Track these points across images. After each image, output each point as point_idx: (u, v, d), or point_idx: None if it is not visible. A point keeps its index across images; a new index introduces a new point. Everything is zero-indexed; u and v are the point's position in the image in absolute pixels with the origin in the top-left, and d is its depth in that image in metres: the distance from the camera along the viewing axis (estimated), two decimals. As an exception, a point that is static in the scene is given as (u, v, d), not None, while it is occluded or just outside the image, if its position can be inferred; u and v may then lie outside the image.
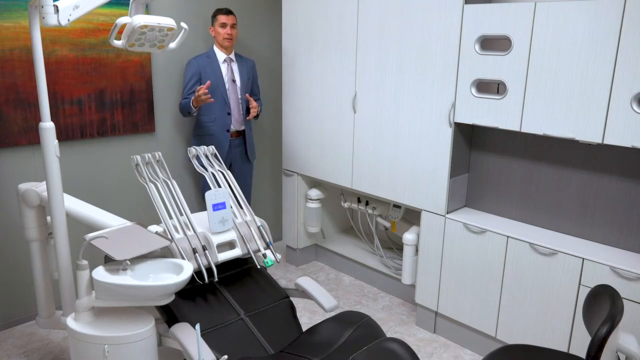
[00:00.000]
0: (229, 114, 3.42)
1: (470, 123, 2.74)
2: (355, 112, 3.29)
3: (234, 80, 3.45)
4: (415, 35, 2.88)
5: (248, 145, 3.57)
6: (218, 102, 3.38)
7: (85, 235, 2.05)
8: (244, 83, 3.49)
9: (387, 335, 2.80)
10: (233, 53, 3.47)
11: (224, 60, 3.42)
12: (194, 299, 2.27)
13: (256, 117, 3.54)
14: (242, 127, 3.53)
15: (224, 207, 2.34)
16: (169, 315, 2.18)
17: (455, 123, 2.83)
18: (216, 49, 3.42)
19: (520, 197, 2.87)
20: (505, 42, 2.74)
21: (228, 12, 3.36)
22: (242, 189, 3.62)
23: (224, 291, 2.37)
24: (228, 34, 3.36)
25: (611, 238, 2.57)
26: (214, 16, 3.37)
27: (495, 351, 2.06)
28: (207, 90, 3.13)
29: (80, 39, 3.03)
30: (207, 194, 2.29)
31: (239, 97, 3.47)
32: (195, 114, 3.38)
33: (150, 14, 3.27)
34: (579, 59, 2.32)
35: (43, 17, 1.90)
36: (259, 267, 2.48)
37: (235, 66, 3.47)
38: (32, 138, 2.95)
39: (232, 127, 3.45)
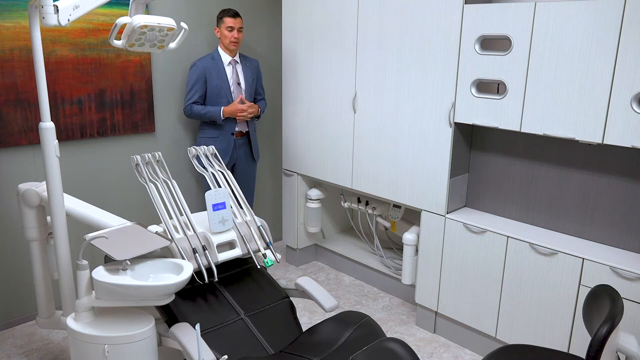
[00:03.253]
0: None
1: (470, 123, 2.74)
2: (355, 112, 3.29)
3: (239, 83, 3.43)
4: (415, 35, 2.88)
5: (253, 145, 3.56)
6: (223, 105, 3.36)
7: (85, 235, 2.05)
8: (248, 85, 3.48)
9: (387, 335, 2.80)
10: (238, 54, 3.46)
11: (229, 62, 3.40)
12: (194, 299, 2.27)
13: (258, 117, 3.54)
14: (247, 129, 3.52)
15: (224, 207, 2.34)
16: (169, 315, 2.18)
17: (455, 123, 2.83)
18: (221, 51, 3.40)
19: (520, 197, 2.87)
20: (505, 42, 2.74)
21: (235, 14, 3.31)
22: (246, 189, 3.62)
23: (224, 291, 2.37)
24: (235, 38, 3.32)
25: (611, 238, 2.57)
26: (221, 18, 3.32)
27: (495, 351, 2.06)
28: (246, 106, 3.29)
29: (80, 39, 3.03)
30: (207, 194, 2.29)
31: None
32: (221, 123, 3.37)
33: (150, 14, 3.27)
34: (579, 59, 2.32)
35: (43, 17, 1.90)
36: (259, 267, 2.49)
37: (239, 68, 3.45)
38: (32, 138, 2.95)
39: (236, 129, 3.45)
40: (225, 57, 3.39)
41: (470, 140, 3.01)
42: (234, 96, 3.41)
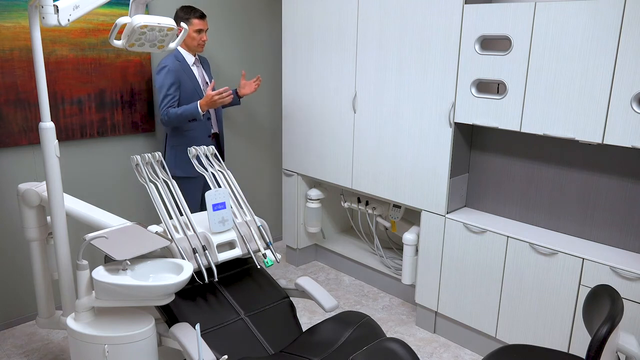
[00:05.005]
0: (209, 118, 3.27)
1: (470, 123, 2.74)
2: (355, 112, 3.29)
3: (206, 82, 3.28)
4: (415, 35, 2.88)
5: (222, 145, 3.44)
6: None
7: (85, 235, 2.05)
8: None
9: (387, 335, 2.80)
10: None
11: (193, 62, 3.20)
12: (194, 299, 2.27)
13: (239, 100, 3.39)
14: (217, 129, 3.39)
15: (224, 207, 2.34)
16: (169, 315, 2.18)
17: (455, 123, 2.83)
18: (183, 51, 3.16)
19: (520, 197, 2.87)
20: (505, 42, 2.74)
21: (203, 15, 3.12)
22: None
23: (224, 291, 2.37)
24: (204, 41, 3.16)
25: (611, 238, 2.57)
26: (187, 18, 3.08)
27: (495, 351, 2.06)
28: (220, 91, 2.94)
29: (80, 39, 3.03)
30: (207, 194, 2.29)
31: None
32: (201, 119, 3.12)
33: (150, 14, 3.27)
34: (579, 59, 2.32)
35: (43, 17, 1.90)
36: (259, 267, 2.49)
37: (201, 67, 3.28)
38: (32, 138, 2.95)
39: (212, 130, 3.31)
40: (189, 57, 3.17)
41: (470, 140, 3.01)
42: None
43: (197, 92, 3.19)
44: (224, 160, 3.52)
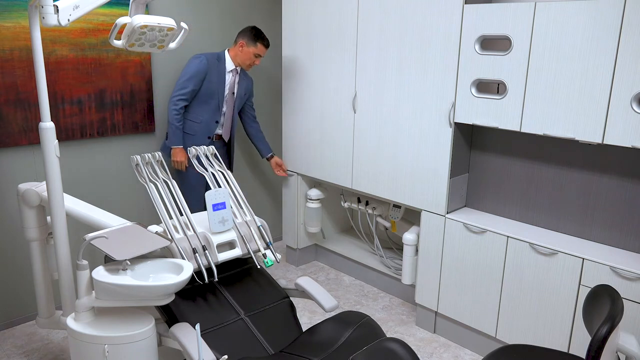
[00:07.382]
0: (217, 122, 3.36)
1: (470, 123, 2.74)
2: (355, 112, 3.29)
3: (233, 93, 3.39)
4: (415, 35, 2.88)
5: (231, 153, 3.53)
6: (211, 107, 3.30)
7: (85, 235, 2.05)
8: (240, 97, 3.44)
9: (387, 335, 2.80)
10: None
11: (232, 70, 3.35)
12: (194, 299, 2.27)
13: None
14: (229, 135, 3.49)
15: (224, 207, 2.34)
16: (169, 315, 2.18)
17: (455, 123, 2.83)
18: (228, 56, 3.35)
19: (520, 197, 2.87)
20: (505, 42, 2.74)
21: (269, 46, 3.34)
22: None
23: (224, 291, 2.37)
24: (255, 64, 3.36)
25: (611, 238, 2.57)
26: (255, 41, 3.27)
27: (495, 351, 2.06)
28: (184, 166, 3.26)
29: (80, 39, 3.03)
30: (207, 194, 2.29)
31: (233, 110, 3.44)
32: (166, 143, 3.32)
33: (150, 14, 3.27)
34: (579, 59, 2.32)
35: (43, 17, 1.90)
36: (259, 267, 2.49)
37: (237, 79, 3.40)
38: (32, 138, 2.95)
39: (215, 133, 3.39)
40: (230, 64, 3.34)
41: (470, 140, 3.01)
42: (225, 103, 3.37)
43: (217, 93, 3.30)
44: (231, 167, 3.57)
